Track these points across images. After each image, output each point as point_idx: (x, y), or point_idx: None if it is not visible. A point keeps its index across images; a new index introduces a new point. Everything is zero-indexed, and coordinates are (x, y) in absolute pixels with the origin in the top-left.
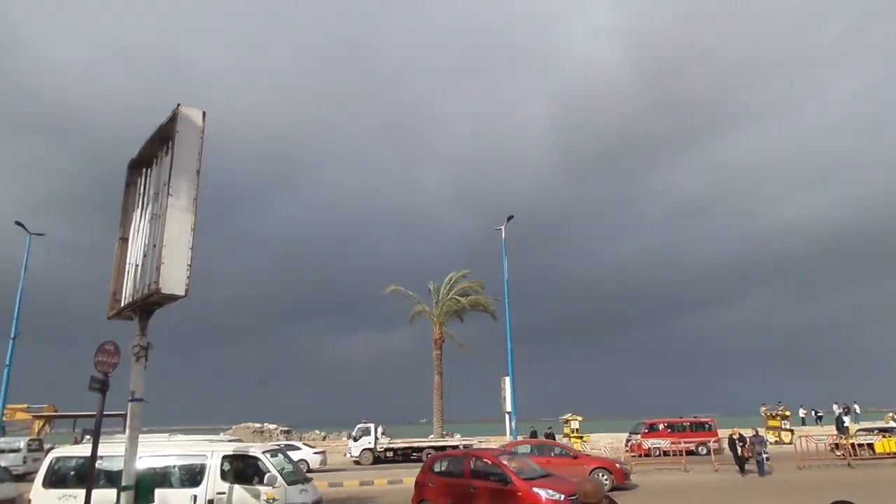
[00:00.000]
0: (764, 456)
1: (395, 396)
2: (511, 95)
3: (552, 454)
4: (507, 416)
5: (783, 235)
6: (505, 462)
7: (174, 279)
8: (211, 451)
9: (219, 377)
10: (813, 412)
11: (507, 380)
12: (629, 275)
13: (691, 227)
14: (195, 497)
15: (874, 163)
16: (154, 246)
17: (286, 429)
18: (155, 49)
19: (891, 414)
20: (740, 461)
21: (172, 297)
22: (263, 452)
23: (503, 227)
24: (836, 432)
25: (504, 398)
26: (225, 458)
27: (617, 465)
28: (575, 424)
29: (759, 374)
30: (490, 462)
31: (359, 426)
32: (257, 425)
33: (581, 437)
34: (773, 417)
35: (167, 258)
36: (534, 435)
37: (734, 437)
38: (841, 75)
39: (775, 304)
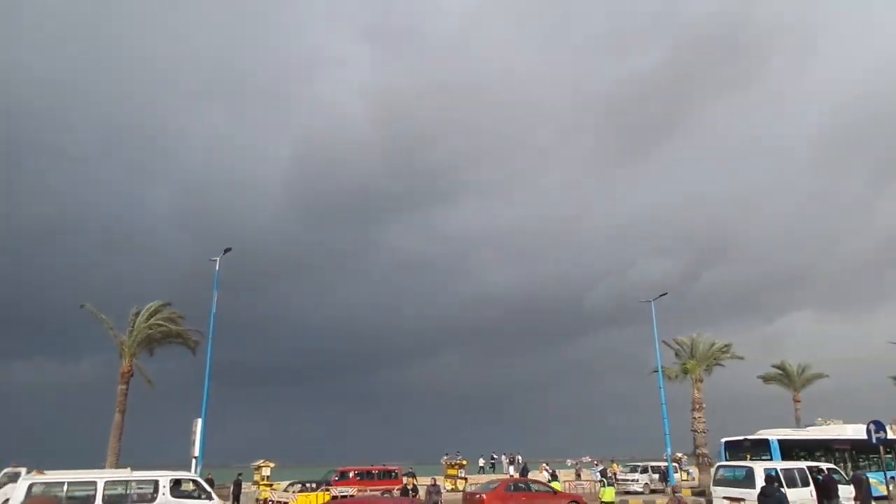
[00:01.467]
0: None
1: (67, 435)
2: (258, 130)
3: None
4: (193, 461)
5: (485, 301)
6: None
7: None
8: None
9: None
10: (490, 462)
11: (199, 422)
12: (352, 324)
13: (411, 284)
14: None
15: (563, 246)
16: None
17: None
18: None
19: (544, 464)
20: None
21: None
22: None
23: (218, 259)
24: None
25: (193, 441)
26: None
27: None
28: (266, 471)
29: (454, 425)
30: None
31: (5, 471)
32: None
33: (271, 485)
34: (452, 466)
35: None
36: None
37: (408, 486)
38: (549, 169)
39: (473, 360)
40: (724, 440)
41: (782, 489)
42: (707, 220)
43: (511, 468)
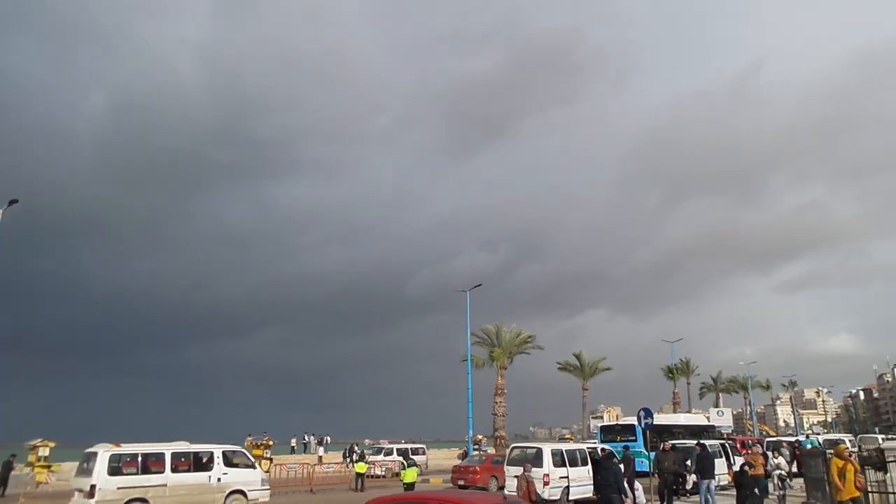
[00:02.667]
0: None
1: None
2: (69, 71)
3: None
4: None
5: (308, 280)
6: None
7: None
8: None
9: None
10: (303, 442)
11: None
12: (163, 295)
13: (231, 258)
14: None
15: (390, 232)
16: None
17: None
18: None
19: (353, 445)
20: None
21: None
22: None
23: (0, 211)
24: (316, 461)
25: None
26: None
27: None
28: (44, 451)
29: (269, 405)
30: None
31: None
32: None
33: (49, 467)
34: (258, 447)
35: None
36: None
37: None
38: (384, 157)
39: (292, 340)
40: (599, 425)
41: (618, 463)
42: (525, 219)
43: (321, 449)
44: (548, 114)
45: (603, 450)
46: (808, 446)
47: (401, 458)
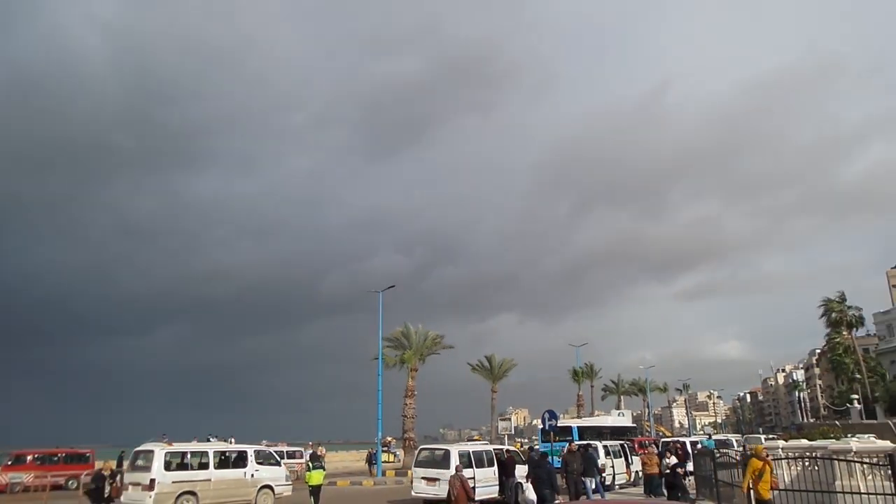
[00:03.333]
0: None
1: None
2: None
3: None
4: None
5: (214, 277)
6: None
7: None
8: None
9: None
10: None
11: None
12: (55, 288)
13: (133, 250)
14: None
15: (305, 230)
16: None
17: None
18: None
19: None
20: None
21: None
22: None
23: None
24: None
25: None
26: None
27: None
28: None
29: (170, 406)
30: None
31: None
32: None
33: None
34: None
35: None
36: None
37: (104, 472)
38: (300, 155)
39: (198, 338)
40: (540, 427)
41: (550, 463)
42: (441, 223)
43: None
44: (466, 120)
45: (537, 449)
46: (699, 446)
47: (307, 461)
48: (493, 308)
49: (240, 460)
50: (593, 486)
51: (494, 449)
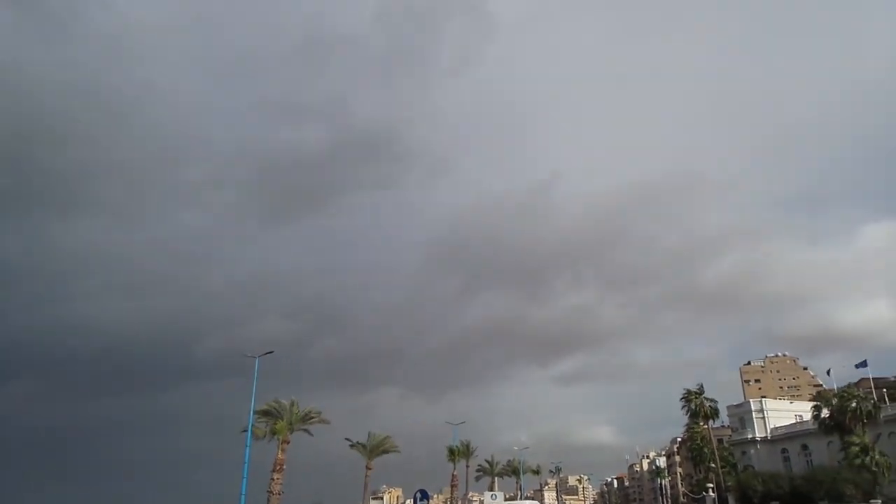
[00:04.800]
0: None
1: None
2: None
3: None
4: None
5: (81, 330)
6: None
7: None
8: None
9: None
10: None
11: None
12: None
13: None
14: None
15: (184, 289)
16: None
17: None
18: None
19: None
20: None
21: None
22: None
23: None
24: None
25: None
26: None
27: None
28: None
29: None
30: None
31: None
32: None
33: None
34: None
35: None
36: None
37: None
38: (190, 211)
39: (43, 397)
40: None
41: None
42: (329, 292)
43: None
44: (364, 194)
45: None
46: None
47: None
48: (375, 381)
49: None
50: None
51: None
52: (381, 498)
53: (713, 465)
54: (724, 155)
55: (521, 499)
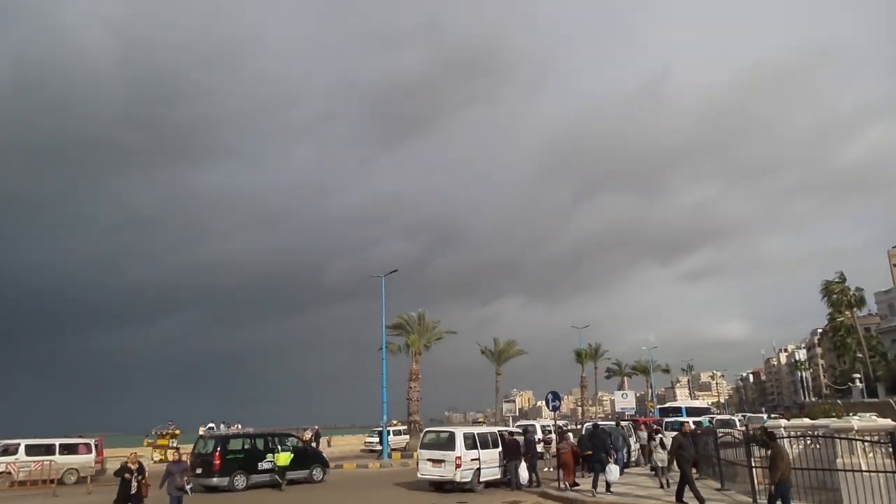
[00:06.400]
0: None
1: None
2: None
3: None
4: None
5: (221, 266)
6: None
7: None
8: None
9: None
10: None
11: None
12: (57, 280)
13: (139, 242)
14: None
15: (310, 219)
16: None
17: None
18: None
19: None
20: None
21: None
22: None
23: None
24: None
25: None
26: None
27: None
28: None
29: (176, 394)
30: None
31: None
32: None
33: None
34: (163, 437)
35: None
36: None
37: (130, 465)
38: (305, 146)
39: (202, 327)
40: (658, 406)
41: (605, 432)
42: (444, 210)
43: None
44: (470, 111)
45: (511, 433)
46: (703, 426)
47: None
48: (496, 292)
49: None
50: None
51: (499, 430)
52: (514, 401)
53: (860, 354)
54: (858, 23)
55: (651, 398)
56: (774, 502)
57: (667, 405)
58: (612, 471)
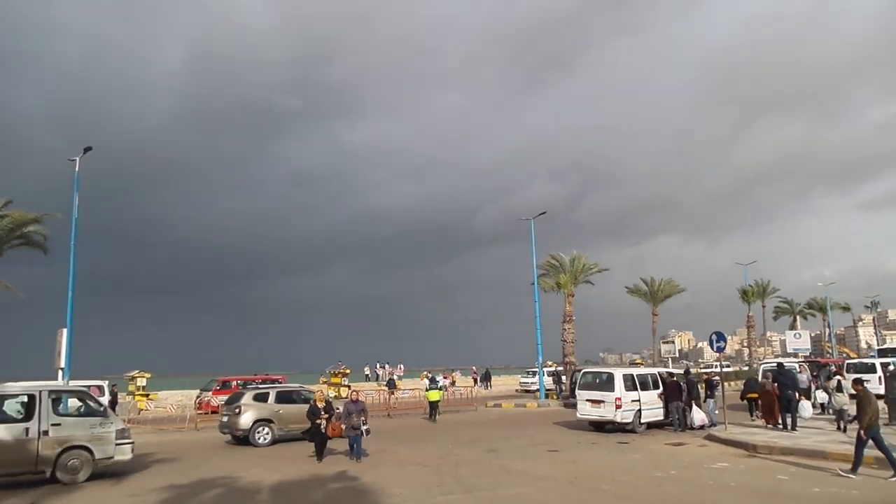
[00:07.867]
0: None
1: None
2: (146, 29)
3: None
4: (59, 372)
5: (378, 217)
6: None
7: None
8: None
9: None
10: (376, 371)
11: (65, 332)
12: (236, 235)
13: (303, 197)
14: None
15: (458, 167)
16: None
17: None
18: None
19: (425, 372)
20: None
21: None
22: None
23: (77, 159)
24: (385, 387)
25: (59, 353)
26: None
27: None
28: (141, 382)
29: (340, 336)
30: None
31: None
32: None
33: (147, 395)
34: (336, 375)
35: None
36: None
37: (317, 404)
38: (448, 92)
39: (361, 275)
40: (877, 347)
41: (791, 372)
42: (593, 149)
43: (396, 376)
44: (615, 45)
45: (671, 374)
46: (892, 368)
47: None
48: (650, 231)
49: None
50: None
51: (659, 371)
52: (672, 342)
53: None
54: None
55: (828, 338)
56: (864, 447)
57: (885, 346)
58: (805, 407)
